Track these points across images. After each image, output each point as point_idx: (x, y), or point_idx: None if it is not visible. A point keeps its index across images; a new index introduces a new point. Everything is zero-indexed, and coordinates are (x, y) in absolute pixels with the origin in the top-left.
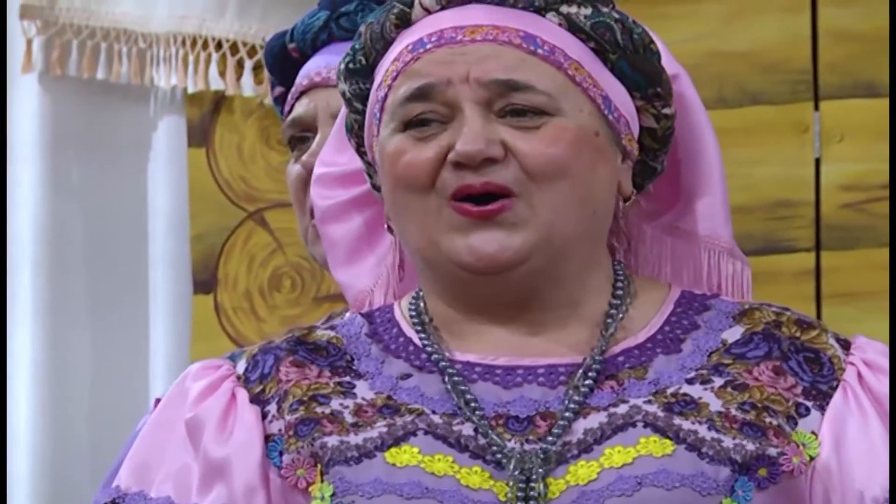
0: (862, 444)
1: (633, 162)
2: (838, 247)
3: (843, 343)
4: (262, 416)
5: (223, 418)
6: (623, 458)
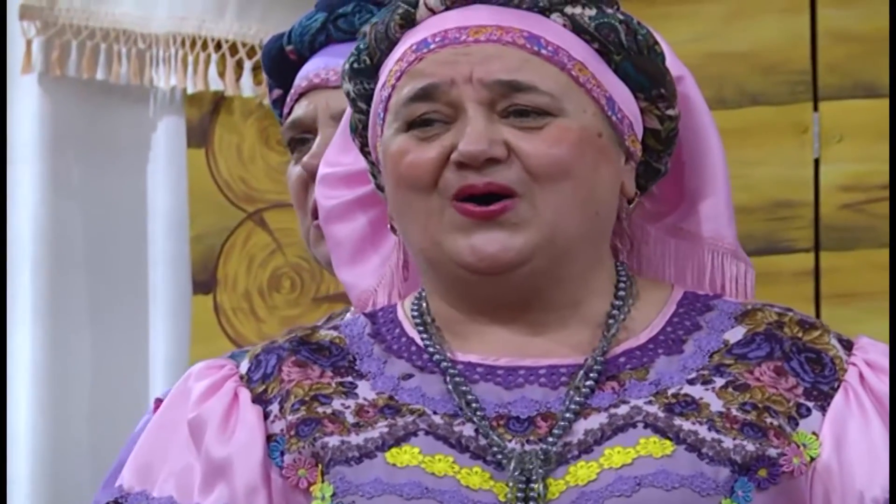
0: (862, 445)
1: (636, 163)
2: (838, 247)
3: (845, 344)
4: (265, 416)
5: (225, 418)
6: (623, 458)
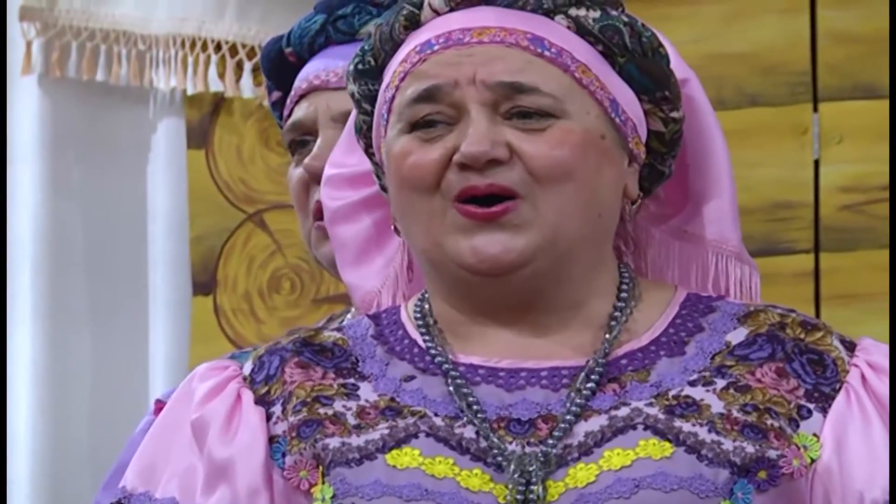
0: (863, 447)
1: (639, 165)
2: (837, 248)
3: (848, 345)
4: (267, 418)
5: (228, 419)
6: (622, 460)
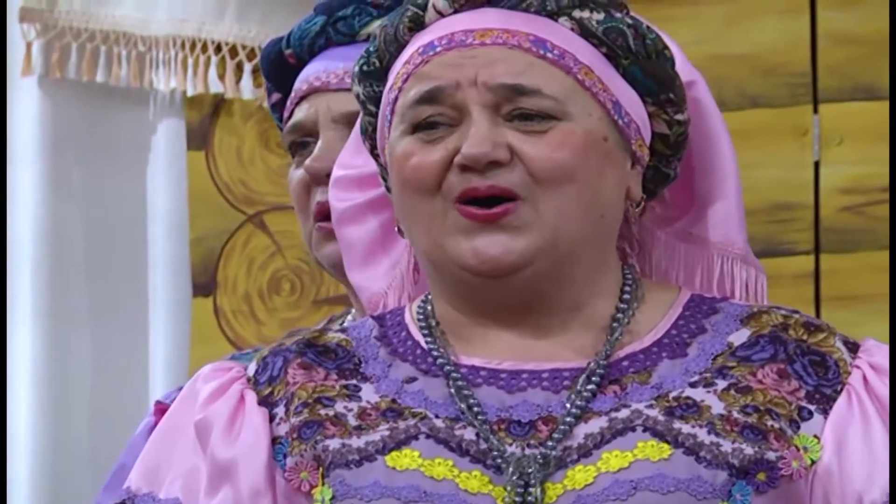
0: (863, 448)
1: (643, 167)
2: (838, 250)
3: (850, 346)
4: (271, 419)
5: (231, 420)
6: (620, 462)
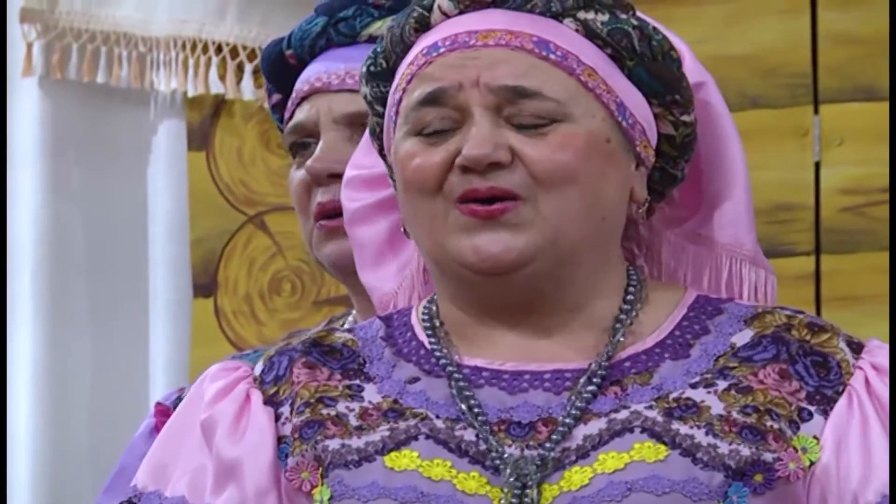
0: (861, 449)
1: (647, 169)
2: (838, 250)
3: (854, 347)
4: (276, 418)
5: (236, 419)
6: (615, 463)
